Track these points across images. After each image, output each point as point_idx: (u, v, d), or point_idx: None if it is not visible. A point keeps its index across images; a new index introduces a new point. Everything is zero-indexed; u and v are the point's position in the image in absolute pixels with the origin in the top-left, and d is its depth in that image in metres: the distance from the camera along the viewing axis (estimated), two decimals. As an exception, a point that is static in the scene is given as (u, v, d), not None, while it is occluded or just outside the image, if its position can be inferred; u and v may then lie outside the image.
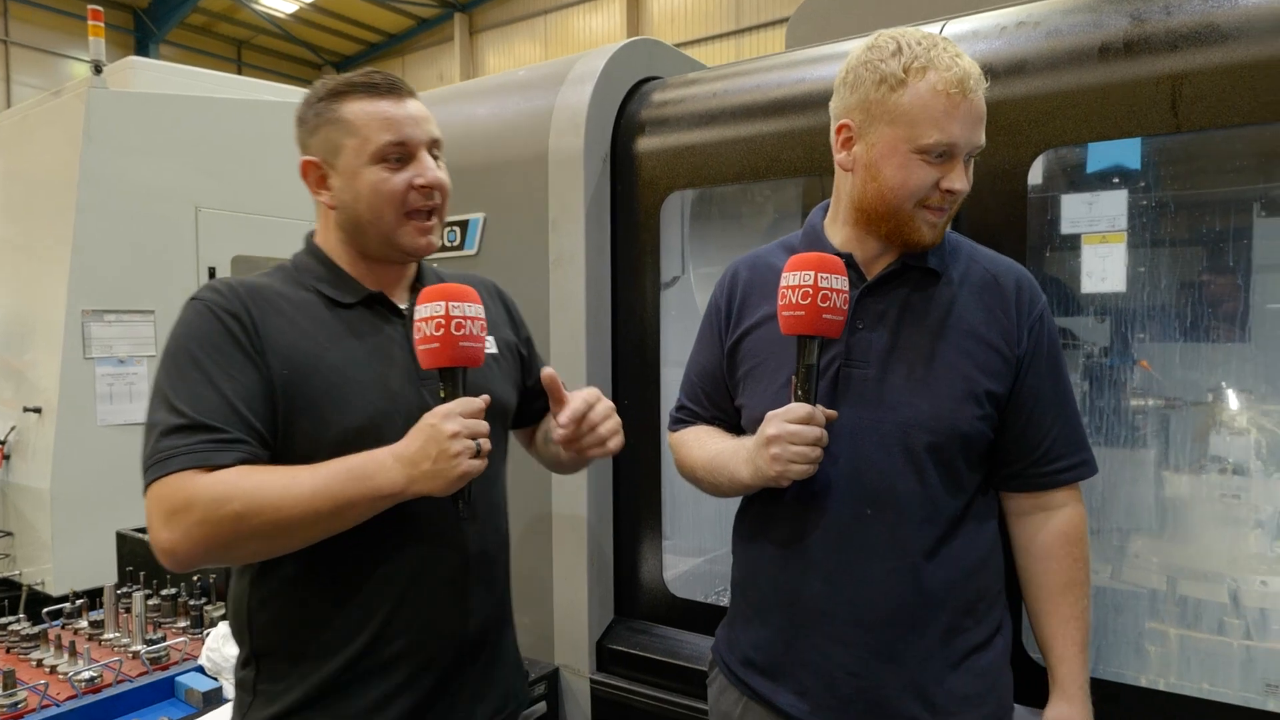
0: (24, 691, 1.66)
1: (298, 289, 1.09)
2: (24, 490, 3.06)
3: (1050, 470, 1.12)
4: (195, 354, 0.98)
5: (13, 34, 13.10)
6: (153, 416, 0.97)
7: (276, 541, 0.96)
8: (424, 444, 0.95)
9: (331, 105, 1.08)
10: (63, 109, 3.14)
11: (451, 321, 0.98)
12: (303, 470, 0.95)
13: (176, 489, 0.92)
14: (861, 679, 1.08)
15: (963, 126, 1.02)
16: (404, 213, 1.08)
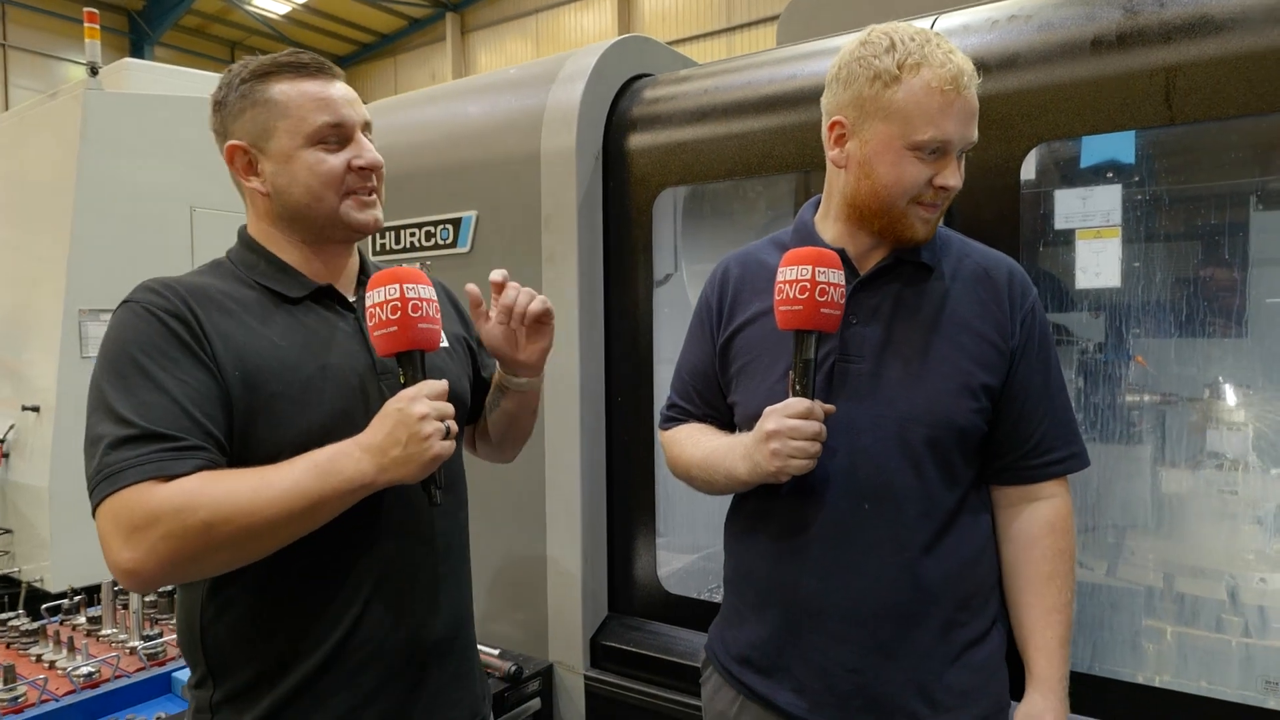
0: (24, 686, 1.67)
1: (240, 286, 1.03)
2: (23, 488, 3.06)
3: (1040, 463, 1.11)
4: (138, 359, 0.91)
5: (10, 38, 13.11)
6: (96, 429, 0.90)
7: (247, 549, 0.90)
8: (392, 429, 0.91)
9: (257, 86, 1.02)
10: (59, 111, 3.14)
11: (408, 303, 0.95)
12: (268, 471, 0.90)
13: (135, 503, 0.85)
14: (860, 675, 1.07)
15: (956, 123, 1.03)
16: (343, 193, 1.04)
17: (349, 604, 1.01)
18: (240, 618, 0.99)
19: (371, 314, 0.97)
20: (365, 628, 1.02)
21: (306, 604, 1.00)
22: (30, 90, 12.24)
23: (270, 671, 0.99)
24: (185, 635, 1.03)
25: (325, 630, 1.00)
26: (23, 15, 13.13)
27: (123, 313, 0.96)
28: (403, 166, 2.00)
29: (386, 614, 1.03)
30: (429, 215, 1.94)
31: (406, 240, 1.97)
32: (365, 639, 1.02)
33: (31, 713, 1.63)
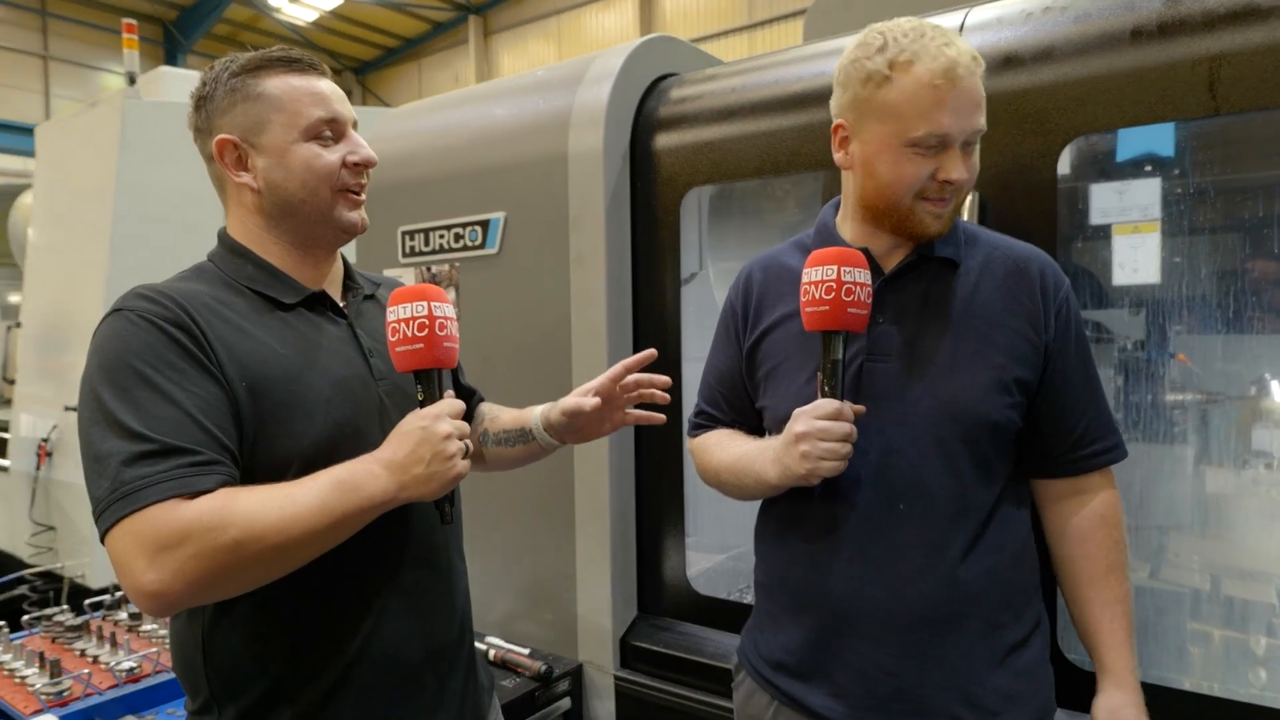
0: (69, 680, 1.71)
1: (229, 291, 0.98)
2: (65, 486, 3.15)
3: (1085, 454, 1.10)
4: (141, 370, 0.86)
5: (51, 49, 13.53)
6: (101, 445, 0.84)
7: (273, 568, 0.87)
8: (415, 447, 0.89)
9: (248, 81, 1.00)
10: (99, 119, 3.23)
11: (435, 321, 0.94)
12: (291, 488, 0.87)
13: (161, 522, 0.81)
14: (899, 679, 1.05)
15: (953, 115, 1.00)
16: (336, 189, 1.01)
17: (361, 619, 0.99)
18: (247, 639, 0.96)
19: (394, 329, 0.95)
20: (378, 642, 1.00)
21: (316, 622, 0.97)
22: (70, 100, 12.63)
23: (280, 692, 0.96)
24: (183, 660, 0.99)
25: (336, 647, 0.98)
26: (63, 27, 13.55)
27: (116, 321, 0.91)
28: (431, 169, 2.02)
29: (399, 627, 1.02)
30: (458, 217, 1.96)
31: (436, 242, 2.00)
32: (378, 653, 1.00)
33: (76, 706, 1.67)
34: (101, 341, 0.91)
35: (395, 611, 1.02)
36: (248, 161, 1.01)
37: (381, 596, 1.01)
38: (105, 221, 3.06)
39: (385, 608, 1.01)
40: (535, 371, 1.85)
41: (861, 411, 1.04)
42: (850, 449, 1.01)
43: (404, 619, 1.02)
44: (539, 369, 1.84)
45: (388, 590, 1.02)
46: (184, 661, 0.99)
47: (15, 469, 3.47)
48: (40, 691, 1.67)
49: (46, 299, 3.45)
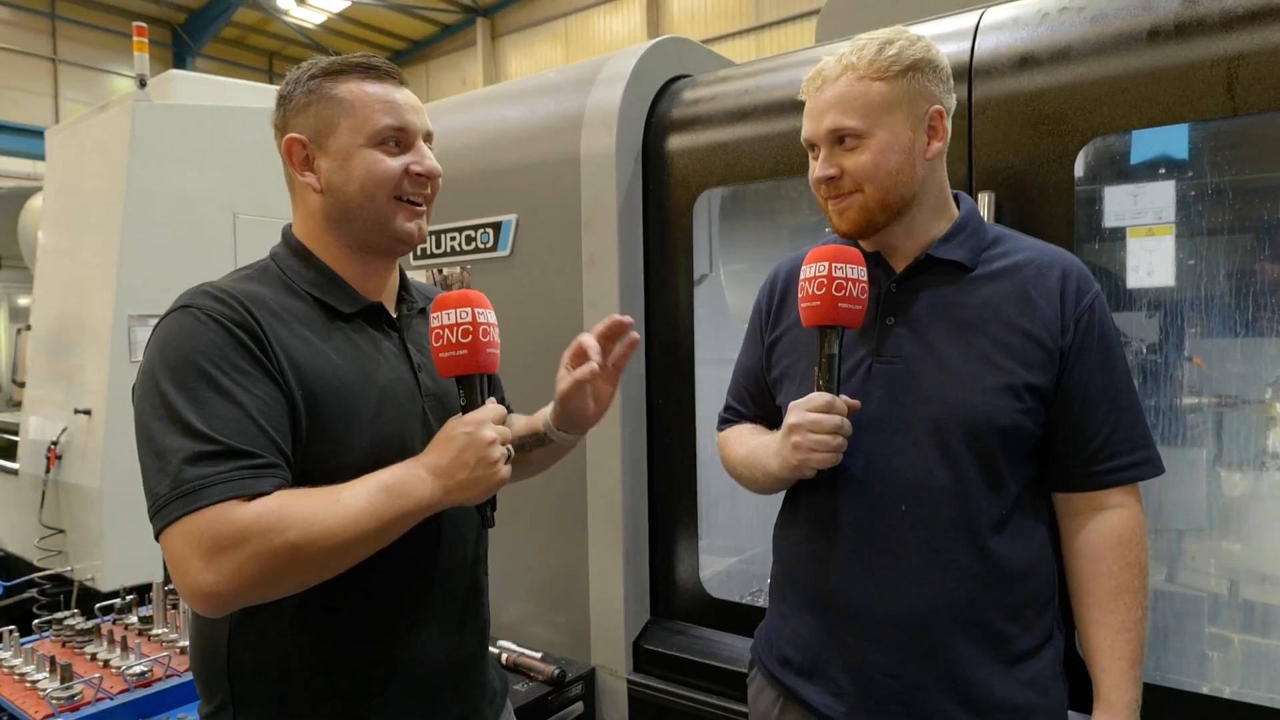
0: (80, 684, 1.71)
1: (290, 296, 0.99)
2: (75, 489, 3.15)
3: (1103, 469, 1.06)
4: (206, 369, 0.87)
5: (61, 52, 13.61)
6: (163, 441, 0.84)
7: (324, 570, 0.87)
8: (459, 453, 0.90)
9: (325, 83, 1.01)
10: (109, 122, 3.23)
11: (479, 328, 0.95)
12: (342, 491, 0.88)
13: (221, 522, 0.82)
14: (899, 680, 1.05)
15: (812, 121, 1.11)
16: (395, 197, 1.01)
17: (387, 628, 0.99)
18: (272, 642, 0.95)
19: (439, 334, 0.95)
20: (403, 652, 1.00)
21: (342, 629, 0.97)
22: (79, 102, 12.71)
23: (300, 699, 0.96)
24: (204, 661, 0.99)
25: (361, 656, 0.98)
26: (72, 30, 13.63)
27: (183, 318, 0.91)
28: (443, 171, 2.02)
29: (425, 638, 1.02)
30: (469, 219, 1.96)
31: (447, 244, 2.00)
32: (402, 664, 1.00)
33: (87, 710, 1.66)
34: (168, 337, 0.91)
35: (422, 622, 1.02)
36: (314, 162, 1.01)
37: (409, 606, 1.01)
38: (115, 225, 3.07)
39: (412, 618, 1.01)
40: (547, 374, 1.84)
41: (856, 406, 1.05)
42: (842, 441, 1.03)
43: (430, 630, 1.02)
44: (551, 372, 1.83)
45: (415, 600, 1.02)
46: (205, 661, 0.99)
47: (25, 471, 3.48)
48: (51, 696, 1.67)
49: (56, 302, 3.46)
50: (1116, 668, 1.04)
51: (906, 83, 1.06)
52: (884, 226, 1.11)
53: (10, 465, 3.63)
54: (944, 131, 1.09)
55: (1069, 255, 1.12)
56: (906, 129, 1.06)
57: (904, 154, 1.06)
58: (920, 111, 1.07)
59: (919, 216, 1.12)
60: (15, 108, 12.63)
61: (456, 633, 1.06)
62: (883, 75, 1.06)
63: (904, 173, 1.07)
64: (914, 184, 1.08)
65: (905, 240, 1.12)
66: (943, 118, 1.09)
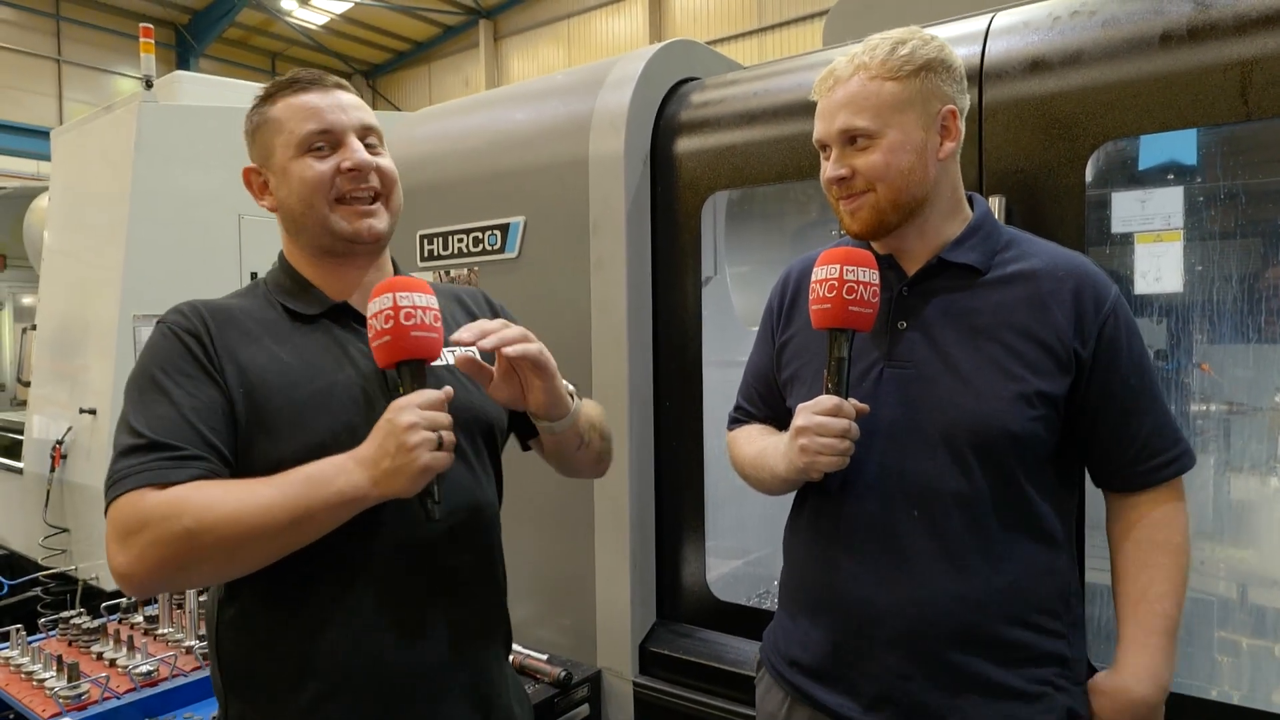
0: (87, 684, 1.71)
1: (264, 305, 1.06)
2: (79, 488, 3.16)
3: (1150, 467, 1.07)
4: (156, 376, 0.96)
5: (65, 53, 13.64)
6: (115, 440, 0.94)
7: (234, 559, 0.89)
8: (382, 440, 0.89)
9: (262, 109, 1.06)
10: (115, 123, 3.24)
11: (400, 311, 0.92)
12: (258, 482, 0.90)
13: (131, 508, 0.88)
14: (912, 681, 1.05)
15: (824, 121, 1.11)
16: (333, 199, 1.03)
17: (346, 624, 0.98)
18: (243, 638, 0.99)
19: (370, 326, 0.95)
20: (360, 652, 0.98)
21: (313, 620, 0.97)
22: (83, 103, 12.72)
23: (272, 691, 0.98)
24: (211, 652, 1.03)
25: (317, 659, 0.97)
26: (76, 31, 13.68)
27: (154, 333, 1.02)
28: (451, 173, 2.02)
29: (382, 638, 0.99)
30: (477, 221, 1.96)
31: (455, 246, 2.00)
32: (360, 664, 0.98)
33: (94, 710, 1.66)
34: (142, 351, 1.02)
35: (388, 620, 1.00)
36: (269, 185, 1.07)
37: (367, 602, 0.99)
38: (121, 225, 3.07)
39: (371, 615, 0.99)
40: (554, 376, 1.84)
41: (864, 410, 1.04)
42: (849, 445, 1.02)
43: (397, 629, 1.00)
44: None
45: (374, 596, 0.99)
46: (211, 652, 1.05)
47: (30, 471, 3.49)
48: (58, 695, 1.67)
49: (62, 302, 3.47)
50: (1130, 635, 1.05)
51: (919, 82, 1.06)
52: (896, 227, 1.10)
53: (15, 464, 3.64)
54: (957, 131, 1.09)
55: (1084, 260, 1.11)
56: (919, 129, 1.06)
57: (916, 154, 1.06)
58: (933, 111, 1.07)
59: (932, 218, 1.11)
60: (19, 108, 12.66)
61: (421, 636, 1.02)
62: (895, 75, 1.05)
63: (916, 173, 1.06)
64: (926, 184, 1.08)
65: (917, 242, 1.12)
66: (956, 118, 1.08)
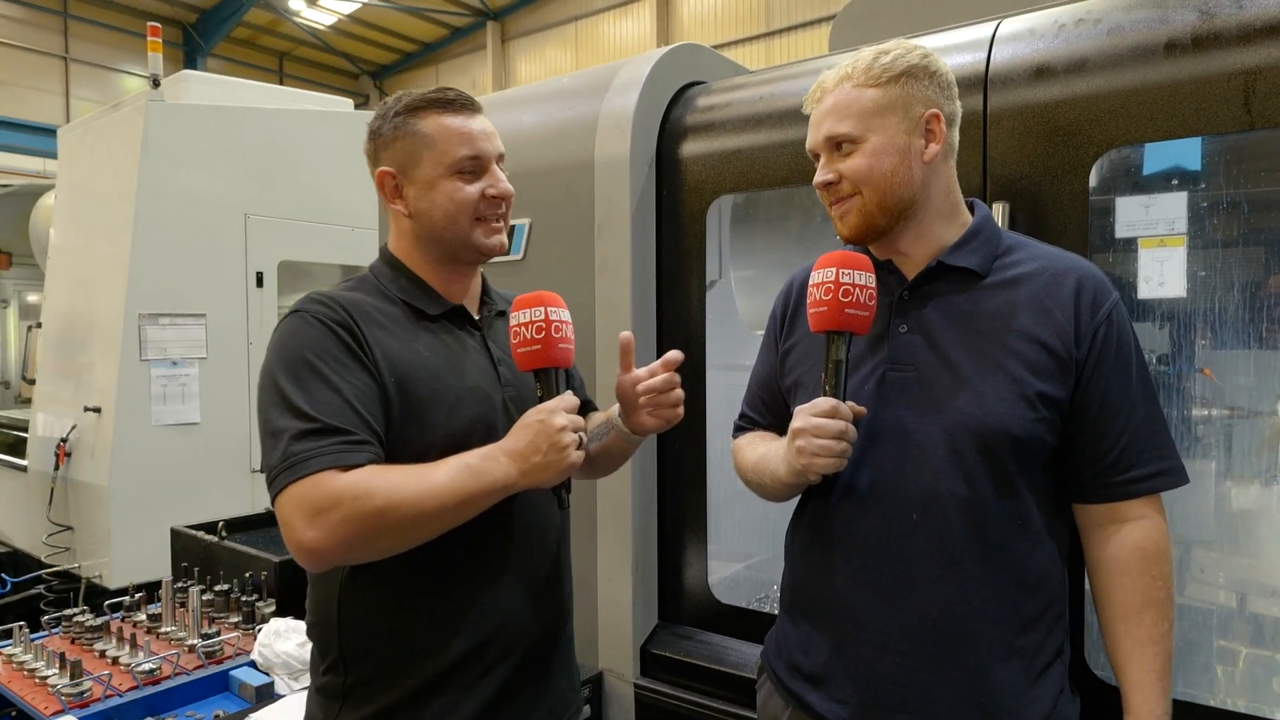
0: (89, 681, 1.72)
1: (384, 301, 1.14)
2: (83, 486, 3.17)
3: (1122, 480, 1.05)
4: (313, 362, 1.02)
5: (72, 51, 13.70)
6: (276, 423, 0.99)
7: (408, 536, 1.00)
8: (534, 438, 1.01)
9: (409, 120, 1.14)
10: (122, 122, 3.26)
11: (551, 325, 1.07)
12: (428, 468, 1.00)
13: (320, 488, 0.95)
14: (907, 689, 1.05)
15: (813, 131, 1.15)
16: (475, 218, 1.15)
17: (479, 594, 1.10)
18: (373, 613, 1.08)
19: (516, 332, 1.08)
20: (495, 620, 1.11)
21: (444, 596, 1.09)
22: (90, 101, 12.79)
23: (405, 660, 1.07)
24: (321, 619, 1.12)
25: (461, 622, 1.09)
26: (83, 29, 13.73)
27: (295, 321, 1.07)
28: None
29: (514, 606, 1.13)
30: (482, 223, 1.96)
31: (459, 247, 2.00)
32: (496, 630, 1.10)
33: (97, 707, 1.67)
34: (282, 337, 1.07)
35: (512, 591, 1.13)
36: (402, 191, 1.15)
37: (501, 574, 1.12)
38: (126, 224, 3.09)
39: (503, 586, 1.12)
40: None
41: (861, 413, 1.05)
42: (846, 446, 1.03)
43: (519, 598, 1.13)
44: (561, 375, 1.84)
45: (506, 569, 1.13)
46: (321, 620, 1.12)
47: (34, 468, 3.50)
48: (61, 692, 1.68)
49: (67, 300, 3.48)
50: (1145, 681, 1.04)
51: (899, 88, 1.09)
52: (886, 230, 1.11)
53: (19, 462, 3.65)
54: (941, 135, 1.10)
55: (1086, 263, 1.11)
56: (901, 132, 1.08)
57: (899, 156, 1.08)
58: (915, 115, 1.09)
59: (926, 222, 1.12)
60: (26, 106, 12.70)
61: (540, 607, 1.16)
62: (876, 82, 1.09)
63: (900, 174, 1.08)
64: (912, 187, 1.09)
65: (915, 247, 1.13)
66: (940, 121, 1.10)
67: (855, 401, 1.07)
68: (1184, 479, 1.07)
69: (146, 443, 3.08)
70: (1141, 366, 1.08)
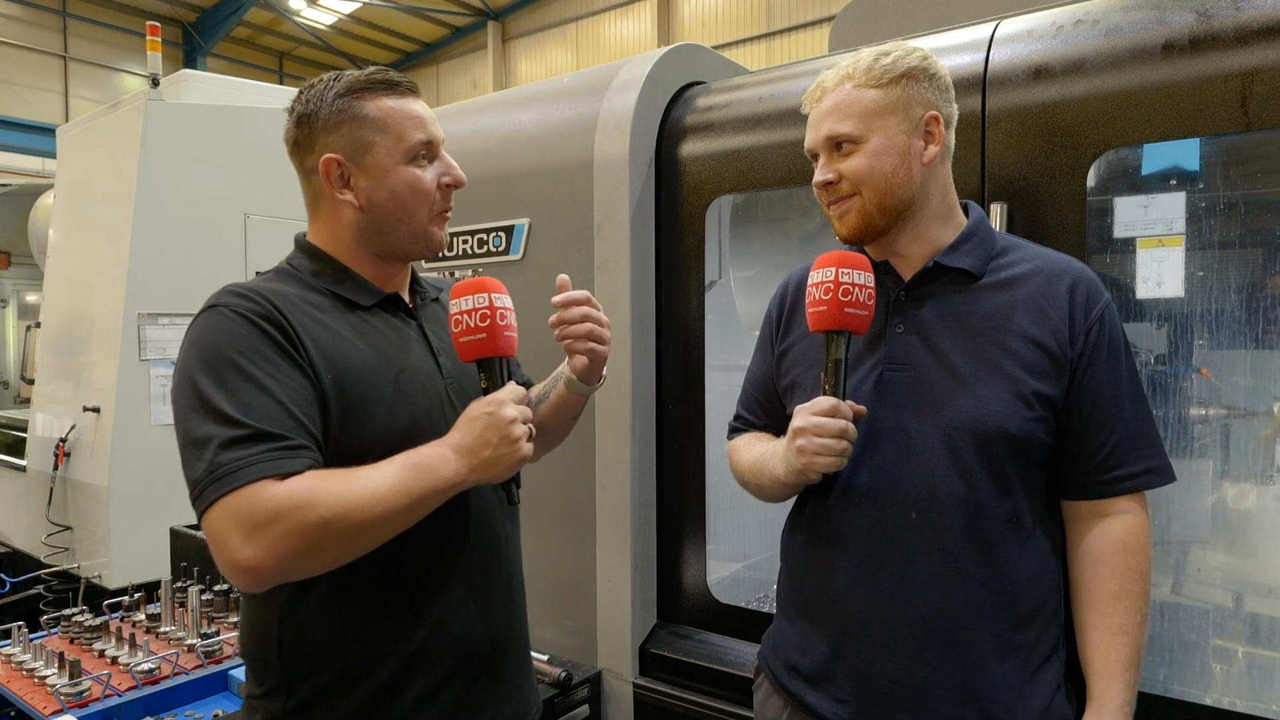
0: (88, 681, 1.72)
1: (312, 292, 1.05)
2: (83, 486, 3.17)
3: (1110, 478, 1.07)
4: (237, 361, 0.93)
5: (71, 50, 13.69)
6: (199, 430, 0.90)
7: (355, 546, 0.92)
8: (483, 432, 0.95)
9: (353, 103, 1.04)
10: (122, 121, 3.25)
11: (496, 312, 1.00)
12: (372, 470, 0.93)
13: (256, 501, 0.86)
14: (907, 687, 1.06)
15: (812, 131, 1.15)
16: (435, 212, 1.08)
17: (430, 602, 1.04)
18: (322, 620, 1.00)
19: (458, 320, 1.00)
20: (445, 625, 1.05)
21: (386, 606, 1.02)
22: (89, 100, 12.78)
23: (350, 673, 1.01)
24: (256, 644, 1.03)
25: (407, 628, 1.02)
26: (83, 28, 13.73)
27: (213, 317, 0.97)
28: (455, 175, 2.03)
29: (464, 611, 1.06)
30: (482, 223, 1.97)
31: (459, 247, 2.00)
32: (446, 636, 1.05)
33: (95, 707, 1.67)
34: (198, 335, 0.97)
35: (461, 597, 1.07)
36: (350, 180, 1.06)
37: (449, 581, 1.06)
38: (126, 223, 3.08)
39: (452, 592, 1.06)
40: (557, 378, 1.85)
41: (861, 412, 1.06)
42: (847, 445, 1.03)
43: (469, 605, 1.07)
44: (561, 375, 1.84)
45: (455, 575, 1.07)
46: (257, 643, 1.03)
47: (33, 468, 3.50)
48: (60, 692, 1.68)
49: (66, 299, 3.48)
50: (1109, 669, 1.05)
51: (900, 89, 1.09)
52: (885, 231, 1.12)
53: (18, 462, 3.65)
54: (940, 136, 1.11)
55: (1079, 264, 1.13)
56: (901, 133, 1.09)
57: (899, 157, 1.09)
58: (915, 117, 1.10)
59: (923, 223, 1.13)
60: (25, 105, 12.71)
61: (491, 613, 1.10)
62: (877, 82, 1.09)
63: (899, 175, 1.09)
64: (911, 187, 1.10)
65: (912, 248, 1.14)
66: (939, 123, 1.11)
67: (854, 401, 1.07)
68: (1171, 477, 1.09)
69: (146, 443, 3.07)
70: (1131, 366, 1.10)
